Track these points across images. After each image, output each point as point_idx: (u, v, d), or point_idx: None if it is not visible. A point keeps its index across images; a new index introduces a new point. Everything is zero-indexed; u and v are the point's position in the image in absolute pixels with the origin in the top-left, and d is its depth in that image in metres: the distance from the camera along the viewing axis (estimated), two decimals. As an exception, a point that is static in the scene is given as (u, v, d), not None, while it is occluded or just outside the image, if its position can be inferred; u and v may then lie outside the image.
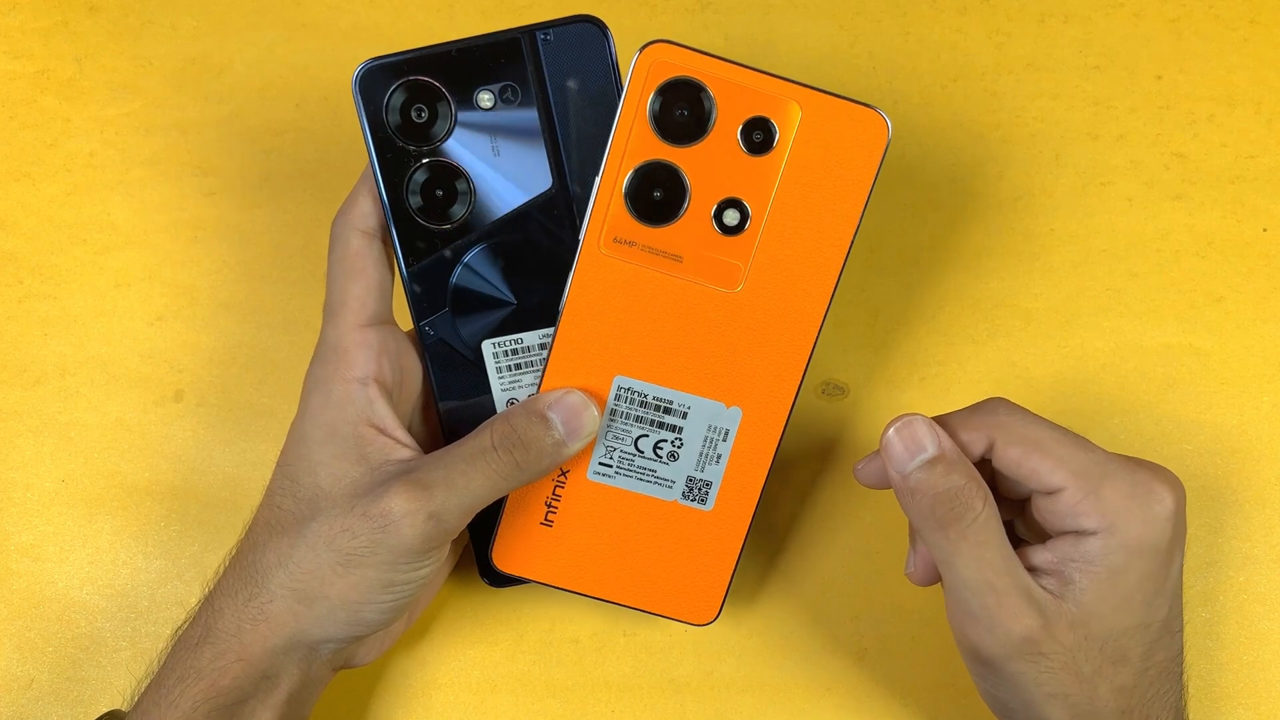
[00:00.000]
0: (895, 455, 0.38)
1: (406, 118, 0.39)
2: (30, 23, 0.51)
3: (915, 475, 0.38)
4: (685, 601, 0.42)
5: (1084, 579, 0.37)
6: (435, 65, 0.39)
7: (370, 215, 0.40)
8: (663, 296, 0.39)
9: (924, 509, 0.37)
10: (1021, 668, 0.37)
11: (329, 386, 0.39)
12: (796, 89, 0.37)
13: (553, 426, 0.39)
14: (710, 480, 0.41)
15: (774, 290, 0.39)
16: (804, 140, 0.38)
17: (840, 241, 0.39)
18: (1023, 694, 0.38)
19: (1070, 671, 0.37)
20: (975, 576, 0.37)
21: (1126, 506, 0.37)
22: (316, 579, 0.38)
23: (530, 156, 0.40)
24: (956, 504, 0.37)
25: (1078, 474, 0.37)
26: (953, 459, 0.38)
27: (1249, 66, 0.50)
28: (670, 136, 0.38)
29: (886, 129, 0.38)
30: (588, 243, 0.39)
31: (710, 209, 0.39)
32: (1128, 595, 0.37)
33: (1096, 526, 0.37)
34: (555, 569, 0.42)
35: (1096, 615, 0.37)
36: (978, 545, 0.37)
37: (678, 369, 0.40)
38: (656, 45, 0.37)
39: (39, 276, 0.50)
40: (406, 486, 0.37)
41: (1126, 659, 0.37)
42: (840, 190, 0.38)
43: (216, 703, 0.38)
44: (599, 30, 0.39)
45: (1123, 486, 0.37)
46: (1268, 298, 0.49)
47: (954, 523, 0.37)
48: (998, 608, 0.37)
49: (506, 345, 0.42)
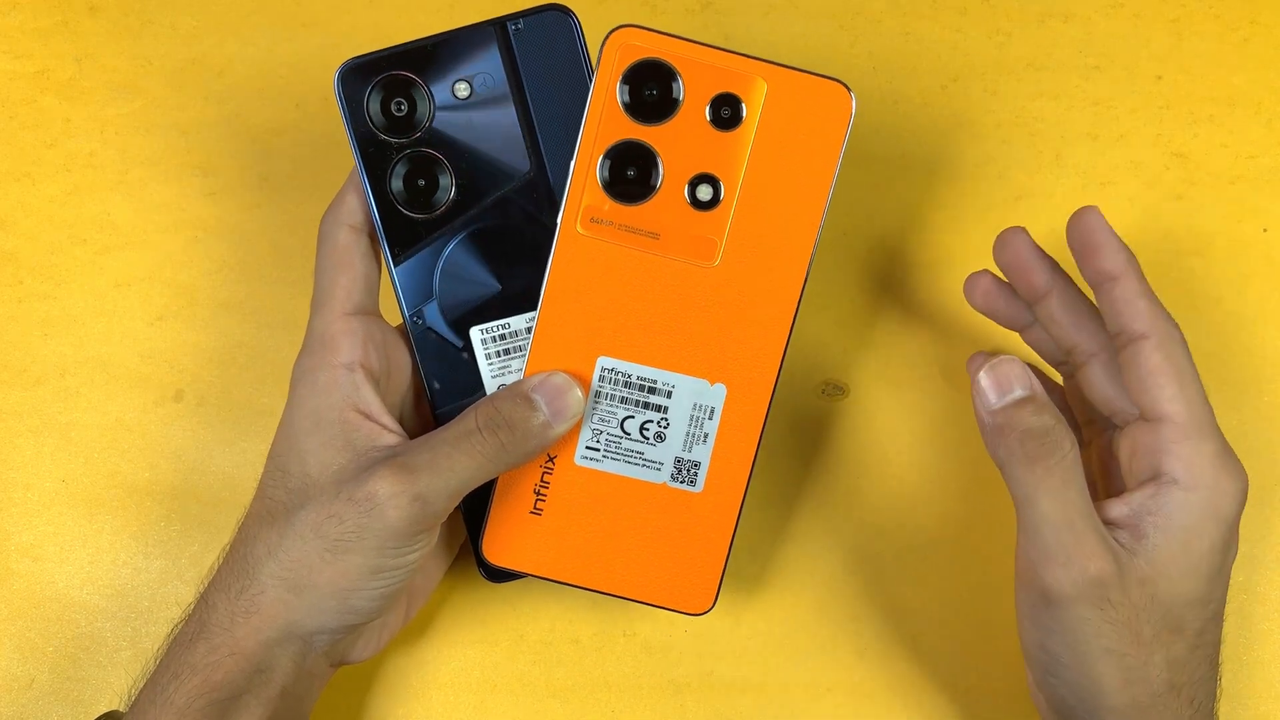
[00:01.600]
0: (984, 393, 0.39)
1: (387, 112, 0.41)
2: (30, 23, 0.51)
3: (1004, 412, 0.38)
4: (680, 590, 0.42)
5: (1158, 535, 0.37)
6: (412, 60, 0.40)
7: (357, 211, 0.41)
8: (642, 274, 0.40)
9: (1012, 444, 0.38)
10: (1087, 613, 0.37)
11: (315, 374, 0.40)
12: (761, 65, 0.38)
13: (537, 408, 0.39)
14: (698, 460, 0.41)
15: (751, 264, 0.40)
16: (771, 114, 0.39)
17: (813, 213, 0.39)
18: (1080, 645, 0.38)
19: (1131, 630, 0.37)
20: (1057, 513, 0.37)
21: (1214, 471, 0.38)
22: (305, 568, 0.38)
23: (508, 143, 0.41)
24: (1047, 440, 0.37)
25: (1192, 415, 0.38)
26: (1042, 401, 0.38)
27: (1249, 67, 0.50)
28: (641, 116, 0.39)
29: (850, 100, 0.38)
30: (565, 224, 0.39)
31: (683, 185, 0.39)
32: (1196, 563, 0.37)
33: (1182, 477, 0.38)
34: (546, 560, 0.42)
35: (1165, 577, 0.37)
36: (1063, 483, 0.37)
37: (660, 347, 0.40)
38: (624, 29, 0.38)
39: (39, 276, 0.50)
40: (391, 470, 0.37)
41: (1183, 631, 0.38)
42: (809, 162, 0.39)
43: (211, 698, 0.38)
44: (567, 17, 0.40)
45: (1217, 450, 0.38)
46: (1268, 298, 0.49)
47: (1042, 459, 0.37)
48: (1075, 545, 0.37)
49: (494, 331, 0.42)
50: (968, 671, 0.47)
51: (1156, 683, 0.37)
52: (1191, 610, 0.38)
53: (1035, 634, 0.39)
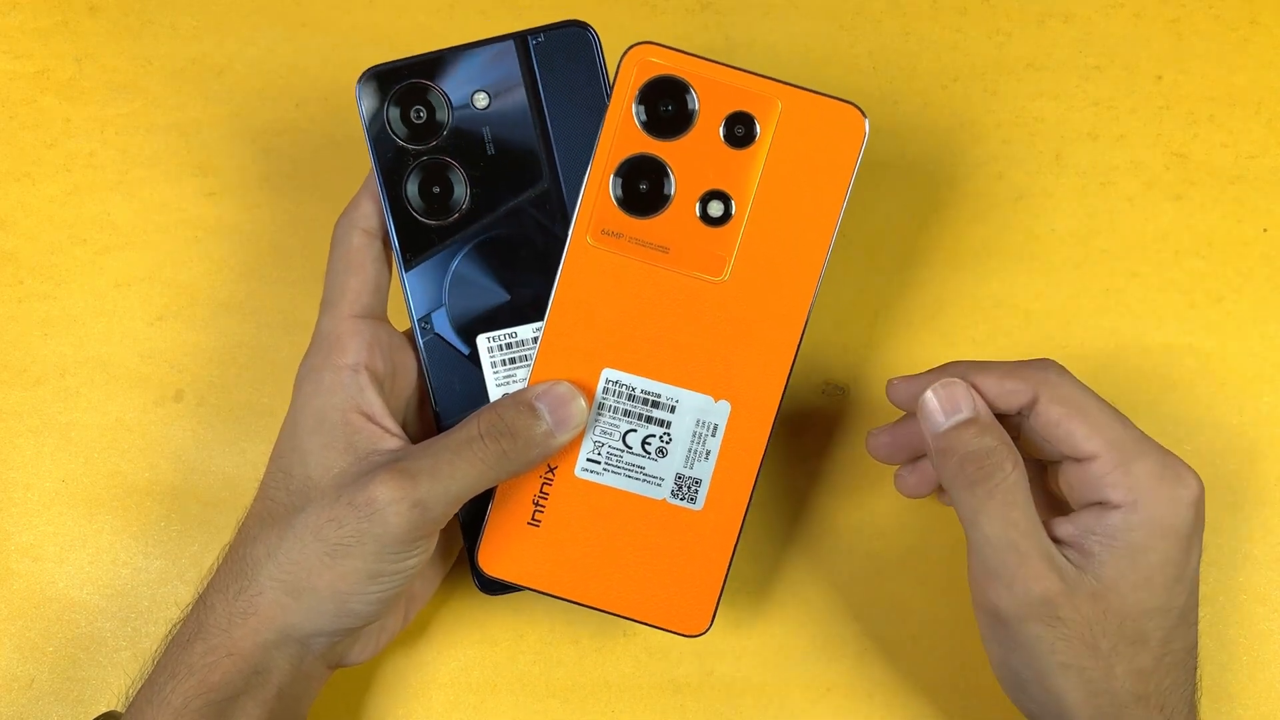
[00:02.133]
0: (931, 414, 0.39)
1: (406, 119, 0.41)
2: (30, 23, 0.51)
3: (949, 434, 0.38)
4: (676, 610, 0.41)
5: (1104, 553, 0.37)
6: (433, 68, 0.41)
7: (372, 215, 0.41)
8: (650, 288, 0.40)
9: (954, 467, 0.38)
10: (1038, 630, 0.37)
11: (320, 374, 0.40)
12: (777, 86, 0.39)
13: (540, 416, 0.39)
14: (699, 478, 0.41)
15: (759, 282, 0.40)
16: (784, 135, 0.39)
17: (823, 234, 0.39)
18: (1037, 661, 0.38)
19: (1086, 644, 0.37)
20: (1000, 535, 0.37)
21: (1154, 486, 0.37)
22: (304, 570, 0.38)
23: (524, 153, 0.41)
24: (987, 463, 0.38)
25: (1112, 444, 0.38)
26: (986, 422, 0.38)
27: (1249, 67, 0.50)
28: (656, 131, 0.39)
29: (864, 123, 0.39)
30: (576, 234, 0.40)
31: (695, 201, 0.39)
32: (1148, 576, 0.37)
33: (1122, 500, 0.37)
34: (542, 573, 0.41)
35: (1116, 591, 0.37)
36: (1005, 505, 0.37)
37: (665, 362, 0.40)
38: (642, 46, 0.39)
39: (39, 276, 0.50)
40: (392, 475, 0.37)
41: (1145, 642, 0.37)
42: (821, 183, 0.39)
43: (207, 698, 0.38)
44: (587, 33, 0.41)
45: (1153, 466, 0.38)
46: (1268, 298, 0.49)
47: (983, 481, 0.37)
48: (1019, 566, 0.37)
49: (501, 340, 0.42)
50: (968, 671, 0.47)
51: (1121, 694, 0.37)
52: (1152, 620, 0.37)
53: (997, 651, 0.39)
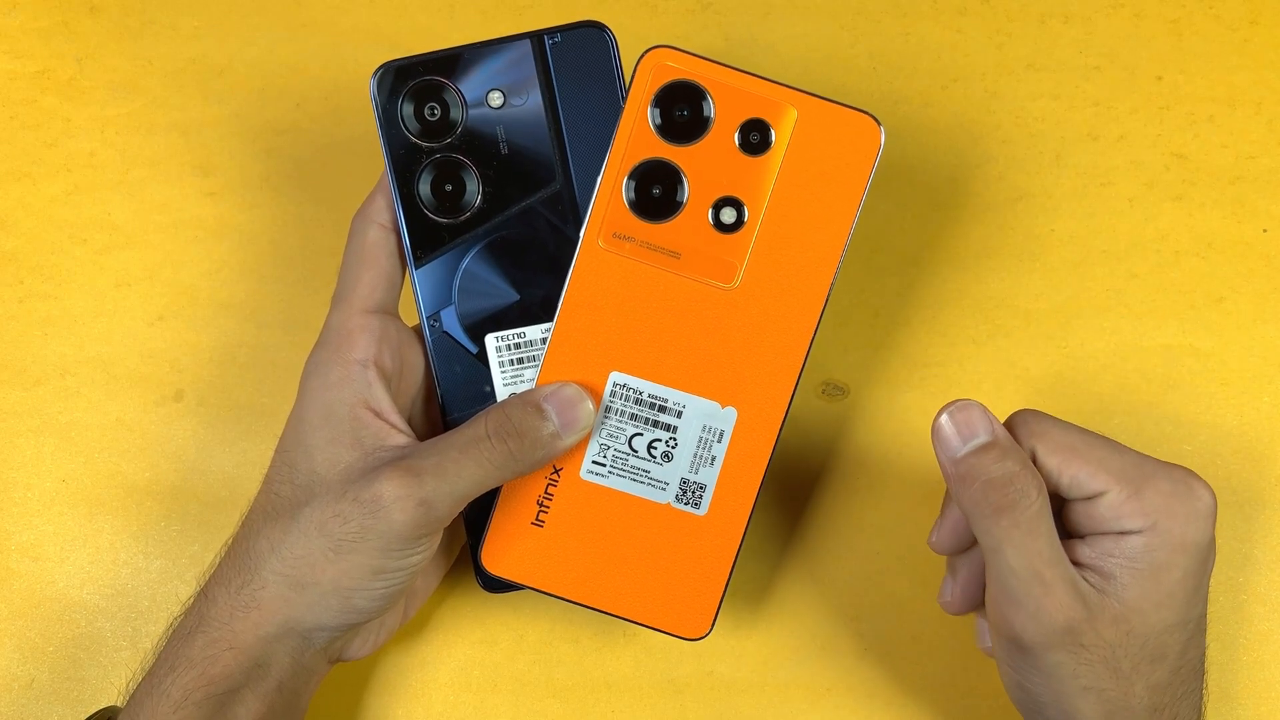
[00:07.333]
0: (947, 440, 0.37)
1: (420, 116, 0.41)
2: (30, 23, 0.51)
3: (968, 460, 0.37)
4: (676, 614, 0.41)
5: (1126, 575, 0.37)
6: (448, 66, 0.41)
7: (389, 210, 0.41)
8: (660, 292, 0.40)
9: (975, 495, 0.37)
10: (1060, 658, 0.37)
11: (328, 369, 0.40)
12: (793, 93, 0.39)
13: (547, 417, 0.39)
14: (704, 483, 0.41)
15: (770, 290, 0.40)
16: (799, 143, 0.39)
17: (835, 243, 0.39)
18: (1057, 686, 0.37)
19: (1108, 666, 0.37)
20: (1024, 566, 0.36)
21: (1169, 505, 0.37)
22: (308, 565, 0.38)
23: (537, 154, 0.41)
24: (1011, 490, 0.36)
25: (1118, 477, 0.37)
26: (1006, 446, 0.37)
27: (1249, 67, 0.50)
28: (670, 136, 0.39)
29: (880, 134, 0.39)
30: (588, 237, 0.40)
31: (708, 207, 0.39)
32: (1170, 592, 0.37)
33: (1141, 526, 0.37)
34: (544, 573, 0.41)
35: (1139, 612, 0.37)
36: (1029, 535, 0.36)
37: (673, 366, 0.40)
38: (659, 50, 0.39)
39: (39, 276, 0.50)
40: (398, 472, 0.37)
41: (1165, 657, 0.37)
42: (835, 192, 0.39)
43: (207, 691, 0.38)
44: (604, 34, 0.41)
45: (1164, 486, 0.37)
46: (1268, 298, 0.49)
47: (1008, 510, 0.36)
48: (1044, 596, 0.36)
49: (509, 340, 0.42)
50: (968, 672, 0.47)
51: (1138, 710, 0.37)
52: (1172, 635, 0.37)
53: (1013, 675, 0.39)
